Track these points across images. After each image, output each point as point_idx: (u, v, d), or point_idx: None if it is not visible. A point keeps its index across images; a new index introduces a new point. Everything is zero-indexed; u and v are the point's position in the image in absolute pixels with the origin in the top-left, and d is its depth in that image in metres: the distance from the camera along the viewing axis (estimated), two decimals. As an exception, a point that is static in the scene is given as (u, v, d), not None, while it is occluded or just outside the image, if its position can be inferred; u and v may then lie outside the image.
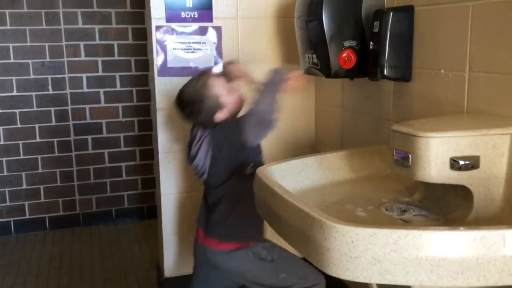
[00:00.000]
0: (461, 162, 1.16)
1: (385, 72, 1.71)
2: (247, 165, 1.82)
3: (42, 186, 3.55)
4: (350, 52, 1.85)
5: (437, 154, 1.16)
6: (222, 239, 1.86)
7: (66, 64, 3.47)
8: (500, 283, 0.96)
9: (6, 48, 3.35)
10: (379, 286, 1.27)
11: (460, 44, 1.47)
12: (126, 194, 3.74)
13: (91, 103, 3.56)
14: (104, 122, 3.61)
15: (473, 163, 1.17)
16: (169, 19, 2.29)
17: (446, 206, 1.32)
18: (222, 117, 1.84)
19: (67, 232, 3.56)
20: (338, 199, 1.49)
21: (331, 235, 1.01)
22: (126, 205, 3.75)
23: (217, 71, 1.90)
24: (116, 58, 3.56)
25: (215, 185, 1.89)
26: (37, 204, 3.56)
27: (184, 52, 2.34)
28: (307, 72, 2.08)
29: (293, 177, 1.57)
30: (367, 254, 0.98)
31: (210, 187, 1.92)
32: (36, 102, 3.45)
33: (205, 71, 1.94)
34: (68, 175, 3.59)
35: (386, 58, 1.69)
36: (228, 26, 2.38)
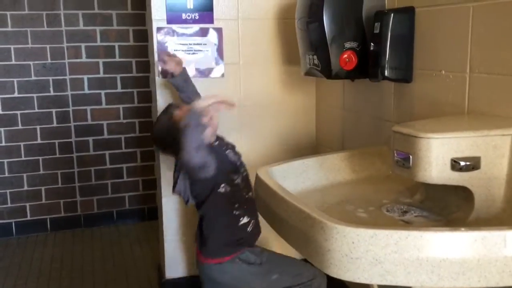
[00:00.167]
0: (462, 163, 1.16)
1: (386, 73, 1.71)
2: (219, 186, 1.85)
3: (43, 188, 3.55)
4: (351, 53, 1.85)
5: (438, 155, 1.16)
6: (210, 255, 1.90)
7: (67, 65, 3.48)
8: (501, 284, 0.97)
9: (7, 49, 3.36)
10: (380, 287, 1.27)
11: (460, 45, 1.47)
12: (127, 195, 3.74)
13: (92, 105, 3.57)
14: (105, 123, 3.61)
15: (474, 164, 1.17)
16: (170, 21, 2.30)
17: (447, 207, 1.32)
18: None
19: (68, 233, 3.57)
20: (338, 200, 1.50)
21: (332, 236, 1.02)
22: (127, 206, 3.75)
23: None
24: (117, 59, 3.57)
25: (197, 205, 1.93)
26: (38, 205, 3.56)
27: (185, 53, 2.35)
28: (308, 73, 2.09)
29: (294, 178, 1.57)
30: (368, 255, 0.98)
31: (196, 208, 1.96)
32: (37, 103, 3.45)
33: (168, 105, 1.95)
34: (69, 177, 3.59)
35: (387, 59, 1.69)
36: (229, 28, 2.38)
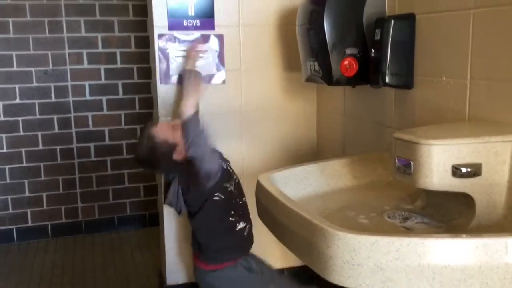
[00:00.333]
0: (463, 170, 1.16)
1: (386, 79, 1.71)
2: (213, 195, 1.86)
3: (44, 194, 3.55)
4: (352, 59, 1.85)
5: (439, 161, 1.16)
6: (210, 262, 1.90)
7: (69, 72, 3.49)
8: (502, 291, 0.96)
9: (9, 56, 3.37)
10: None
11: (461, 51, 1.47)
12: (128, 201, 3.74)
13: (94, 111, 3.58)
14: (106, 129, 3.62)
15: (475, 171, 1.17)
16: (171, 27, 2.31)
17: (448, 213, 1.32)
18: (180, 155, 1.85)
19: (69, 239, 3.57)
20: (340, 206, 1.50)
21: (334, 243, 1.02)
22: (128, 212, 3.75)
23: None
24: (118, 66, 3.58)
25: (191, 214, 1.94)
26: (39, 211, 3.56)
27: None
28: (309, 79, 2.09)
29: (295, 184, 1.57)
30: (370, 262, 0.98)
31: (189, 217, 1.97)
32: (39, 110, 3.46)
33: (143, 127, 1.97)
34: (70, 183, 3.60)
35: (388, 65, 1.69)
36: (230, 34, 2.39)
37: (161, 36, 2.30)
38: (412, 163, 1.19)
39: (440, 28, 1.57)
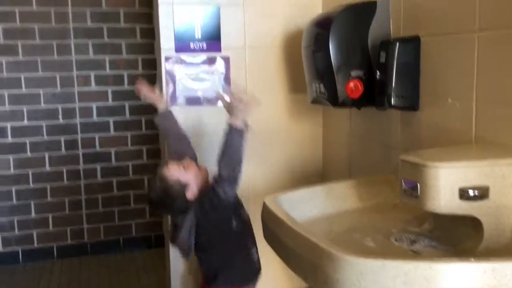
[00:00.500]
0: (470, 192, 1.16)
1: (392, 101, 1.72)
2: (231, 222, 1.87)
3: (50, 215, 3.55)
4: (357, 81, 1.86)
5: (446, 184, 1.15)
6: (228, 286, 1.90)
7: (76, 93, 3.52)
8: (512, 316, 0.95)
9: (18, 78, 3.41)
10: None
11: (466, 74, 1.48)
12: (134, 222, 3.74)
13: (101, 132, 3.60)
14: (113, 150, 3.64)
15: (482, 193, 1.17)
16: (178, 50, 2.33)
17: (456, 236, 1.30)
18: (193, 195, 1.85)
19: (75, 261, 3.55)
20: (346, 229, 1.49)
21: (341, 266, 1.01)
22: (134, 233, 3.74)
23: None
24: (125, 87, 3.61)
25: (204, 251, 1.93)
26: (45, 233, 3.56)
27: (192, 81, 2.37)
28: (315, 101, 2.10)
29: (301, 206, 1.57)
30: (377, 286, 0.97)
31: (200, 251, 1.94)
32: (46, 131, 3.49)
33: (156, 167, 1.97)
34: (76, 204, 3.60)
35: (393, 87, 1.70)
36: (236, 56, 2.41)
37: (168, 58, 2.33)
38: (419, 186, 1.19)
39: (445, 50, 1.58)
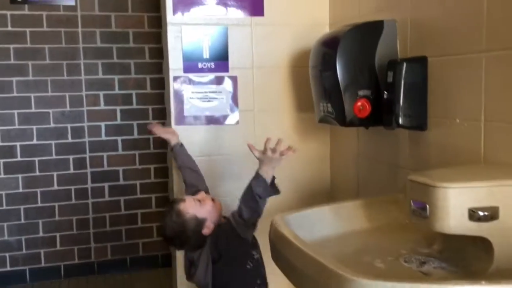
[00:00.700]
0: (480, 213, 1.15)
1: (400, 121, 1.72)
2: (246, 262, 1.86)
3: (58, 234, 3.55)
4: (365, 101, 1.87)
5: (455, 204, 1.14)
6: None
7: (85, 113, 3.55)
8: None
9: (27, 98, 3.45)
10: None
11: (474, 94, 1.47)
12: (141, 242, 3.73)
13: (109, 151, 3.61)
14: (121, 169, 3.65)
15: (492, 214, 1.15)
16: (186, 70, 2.35)
17: (466, 258, 1.29)
18: (209, 230, 1.85)
19: (82, 280, 3.54)
20: (355, 249, 1.47)
21: (349, 289, 1.00)
22: (141, 253, 3.73)
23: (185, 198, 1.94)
24: (134, 106, 3.64)
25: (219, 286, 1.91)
26: (52, 252, 3.56)
27: (200, 101, 2.39)
28: (322, 120, 2.10)
29: (309, 226, 1.56)
30: (387, 309, 0.96)
31: None
32: (55, 150, 3.51)
33: (171, 201, 1.96)
34: (84, 223, 3.60)
35: (401, 107, 1.70)
36: (243, 76, 2.42)
37: (176, 78, 2.35)
38: (428, 206, 1.18)
39: (452, 71, 1.58)
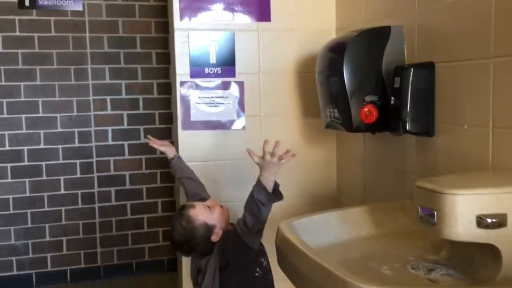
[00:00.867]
0: (488, 220, 1.14)
1: (407, 127, 1.71)
2: (255, 270, 1.86)
3: (64, 238, 3.56)
4: (372, 106, 1.86)
5: (463, 211, 1.14)
6: None
7: (92, 117, 3.57)
8: None
9: (35, 102, 3.47)
10: None
11: (482, 100, 1.47)
12: (147, 246, 3.73)
13: (116, 156, 3.62)
14: (127, 174, 3.65)
15: (500, 221, 1.14)
16: (193, 75, 2.36)
17: (474, 265, 1.28)
18: (217, 237, 1.85)
19: (88, 284, 3.54)
20: (362, 256, 1.47)
21: (356, 296, 0.99)
22: (147, 257, 3.73)
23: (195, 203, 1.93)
24: (141, 111, 3.65)
25: None
26: (59, 256, 3.56)
27: (207, 106, 2.39)
28: (329, 126, 2.10)
29: (315, 232, 1.55)
30: (394, 316, 0.95)
31: None
32: (62, 154, 3.52)
33: (181, 207, 1.95)
34: (90, 227, 3.61)
35: (408, 113, 1.69)
36: (250, 81, 2.43)
37: (183, 83, 2.35)
38: (435, 213, 1.17)
39: (460, 77, 1.57)
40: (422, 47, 1.77)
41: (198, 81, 2.37)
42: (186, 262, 2.44)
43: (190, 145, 2.38)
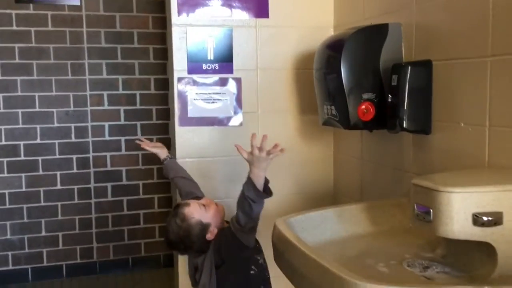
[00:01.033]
0: (484, 218, 1.14)
1: (404, 124, 1.71)
2: (250, 268, 1.86)
3: (60, 234, 3.56)
4: (369, 104, 1.86)
5: (459, 209, 1.14)
6: None
7: (89, 113, 3.56)
8: None
9: (32, 97, 3.46)
10: None
11: (479, 98, 1.47)
12: (143, 242, 3.73)
13: (112, 151, 3.62)
14: (124, 169, 3.65)
15: (496, 220, 1.15)
16: (190, 71, 2.35)
17: (470, 262, 1.29)
18: (212, 235, 1.85)
19: (84, 280, 3.55)
20: (358, 253, 1.47)
21: (352, 293, 1.00)
22: (143, 253, 3.73)
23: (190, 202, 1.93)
24: (138, 107, 3.64)
25: None
26: (55, 251, 3.56)
27: (204, 102, 2.39)
28: (326, 123, 2.10)
29: (312, 229, 1.56)
30: (389, 313, 0.96)
31: None
32: (58, 149, 3.52)
33: (175, 205, 1.95)
34: (86, 223, 3.61)
35: (405, 111, 1.70)
36: (247, 77, 2.42)
37: (180, 79, 2.35)
38: (431, 211, 1.17)
39: (457, 75, 1.58)
40: (420, 45, 1.77)
41: (196, 77, 2.36)
42: (182, 258, 2.44)
43: (187, 141, 2.38)
